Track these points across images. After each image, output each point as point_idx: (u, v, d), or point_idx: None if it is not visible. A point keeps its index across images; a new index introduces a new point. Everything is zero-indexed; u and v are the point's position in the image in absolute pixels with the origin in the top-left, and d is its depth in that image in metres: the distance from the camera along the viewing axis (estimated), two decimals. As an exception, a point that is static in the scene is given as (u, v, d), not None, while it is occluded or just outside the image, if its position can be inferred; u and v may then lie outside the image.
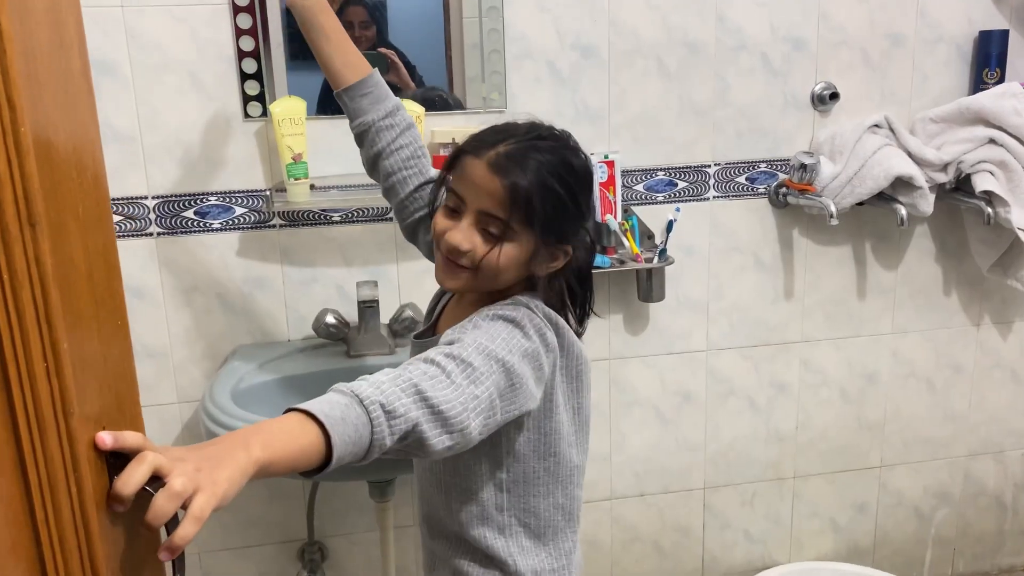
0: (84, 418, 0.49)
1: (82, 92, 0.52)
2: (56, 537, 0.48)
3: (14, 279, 0.45)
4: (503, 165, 0.97)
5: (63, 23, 0.50)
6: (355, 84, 1.16)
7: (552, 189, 0.97)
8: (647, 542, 1.95)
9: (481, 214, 0.98)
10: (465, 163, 1.00)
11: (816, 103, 1.76)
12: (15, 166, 0.44)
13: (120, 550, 0.55)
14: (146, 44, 1.50)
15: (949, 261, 1.91)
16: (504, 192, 0.96)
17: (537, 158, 0.98)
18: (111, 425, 0.54)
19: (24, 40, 0.44)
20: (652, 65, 1.68)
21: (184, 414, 1.66)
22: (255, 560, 1.76)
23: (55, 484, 0.48)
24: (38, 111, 0.46)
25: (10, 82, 0.43)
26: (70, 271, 0.49)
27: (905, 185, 1.69)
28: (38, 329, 0.46)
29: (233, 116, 1.57)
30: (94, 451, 0.52)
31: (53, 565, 0.48)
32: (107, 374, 0.54)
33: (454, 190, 1.00)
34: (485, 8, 1.61)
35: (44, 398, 0.47)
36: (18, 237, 0.45)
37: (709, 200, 1.78)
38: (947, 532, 2.10)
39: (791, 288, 1.86)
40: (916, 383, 1.98)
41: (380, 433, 0.77)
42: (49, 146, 0.47)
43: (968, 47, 1.78)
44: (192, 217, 1.59)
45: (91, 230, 0.52)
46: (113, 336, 0.55)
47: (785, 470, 1.97)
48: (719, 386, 1.88)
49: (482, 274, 1.00)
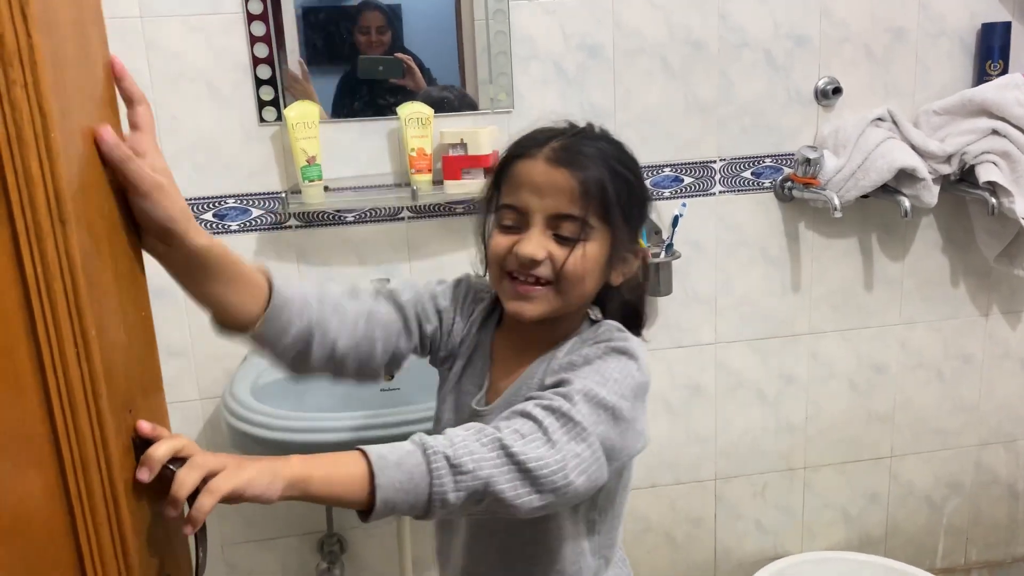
0: (112, 400, 0.54)
1: (106, 100, 0.56)
2: (88, 509, 0.53)
3: (47, 271, 0.49)
4: (565, 157, 0.88)
5: (87, 36, 0.54)
6: (272, 307, 0.84)
7: (621, 175, 0.90)
8: (659, 533, 1.98)
9: (552, 217, 0.88)
10: (518, 169, 0.90)
11: (819, 98, 1.78)
12: (46, 168, 0.48)
13: (147, 523, 0.59)
14: (164, 53, 1.55)
15: (956, 252, 1.93)
16: (575, 184, 0.86)
17: (596, 146, 0.91)
18: (136, 408, 0.58)
19: (53, 53, 0.49)
20: (656, 64, 1.71)
21: (206, 410, 1.71)
22: (277, 552, 1.81)
23: (87, 461, 0.52)
24: (66, 118, 0.50)
25: (41, 93, 0.47)
26: (97, 265, 0.53)
27: (909, 177, 1.71)
28: (69, 318, 0.50)
29: (249, 121, 1.61)
30: (123, 432, 0.56)
31: (86, 535, 0.53)
32: (132, 361, 0.58)
33: (510, 204, 0.90)
34: (492, 11, 1.65)
35: (75, 382, 0.51)
36: (50, 233, 0.49)
37: (715, 195, 1.80)
38: (959, 521, 2.12)
39: (798, 281, 1.88)
40: (925, 373, 1.99)
41: (441, 487, 0.71)
42: (77, 150, 0.52)
43: (971, 39, 1.80)
44: (211, 219, 1.64)
45: (116, 228, 0.57)
46: (137, 326, 0.59)
47: (796, 461, 1.99)
48: (728, 378, 1.91)
49: (564, 287, 0.89)
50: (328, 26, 1.61)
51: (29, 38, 0.46)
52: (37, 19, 0.46)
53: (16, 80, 0.46)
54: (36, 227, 0.48)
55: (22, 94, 0.47)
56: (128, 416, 0.57)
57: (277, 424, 1.40)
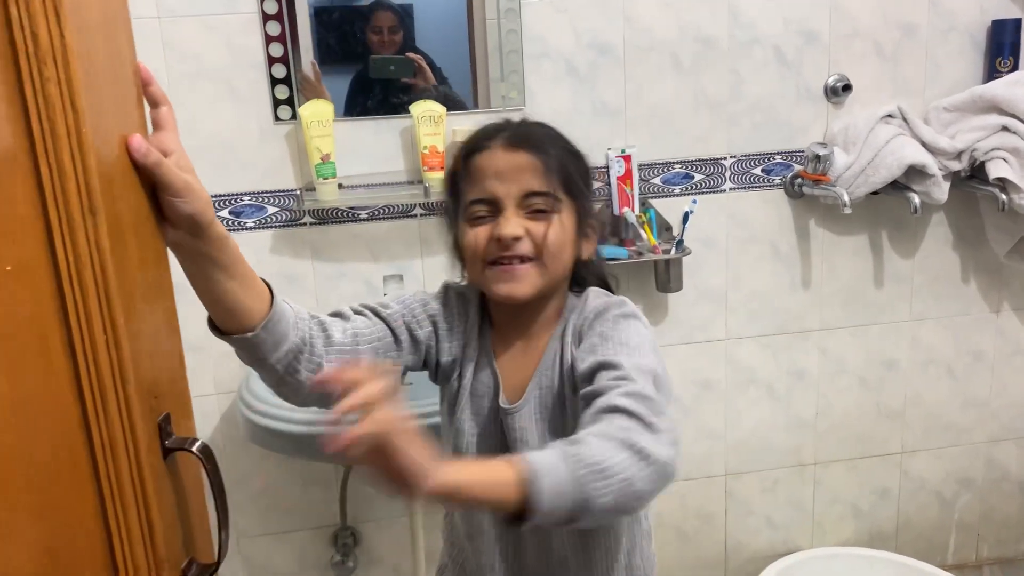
0: (139, 386, 0.56)
1: (133, 97, 0.59)
2: (116, 491, 0.55)
3: (78, 261, 0.51)
4: (521, 140, 0.92)
5: (116, 36, 0.57)
6: (274, 311, 0.85)
7: (573, 151, 0.96)
8: (670, 528, 1.99)
9: (522, 196, 0.91)
10: (476, 163, 0.93)
11: (829, 95, 1.79)
12: (78, 162, 0.50)
13: (173, 507, 0.61)
14: (182, 53, 1.58)
15: (966, 248, 1.93)
16: (537, 161, 0.91)
17: (543, 130, 0.96)
18: (161, 396, 0.60)
19: (84, 51, 0.51)
20: (667, 61, 1.73)
21: (222, 404, 1.74)
22: (292, 544, 1.83)
23: (115, 444, 0.54)
24: (96, 114, 0.52)
25: (73, 89, 0.49)
26: (124, 256, 0.56)
27: (919, 174, 1.72)
28: (98, 306, 0.52)
29: (264, 120, 1.64)
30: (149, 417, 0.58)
31: (115, 517, 0.55)
32: (157, 350, 0.61)
33: (477, 198, 0.93)
34: (503, 10, 1.66)
35: (104, 367, 0.53)
36: (81, 224, 0.51)
37: (725, 192, 1.82)
38: (970, 518, 2.12)
39: (808, 277, 1.89)
40: (936, 370, 2.00)
41: (595, 490, 0.71)
42: (106, 144, 0.54)
43: (981, 36, 1.81)
44: (227, 216, 1.67)
45: (142, 220, 0.59)
46: (162, 316, 0.62)
47: (806, 457, 2.00)
48: (739, 374, 1.92)
49: (546, 260, 0.92)
50: (341, 26, 1.63)
51: (62, 37, 0.48)
52: (69, 18, 0.49)
53: (50, 77, 0.48)
54: (68, 218, 0.51)
55: (55, 91, 0.49)
56: (154, 402, 0.59)
57: (293, 418, 1.43)
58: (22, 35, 0.47)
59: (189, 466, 0.64)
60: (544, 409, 0.96)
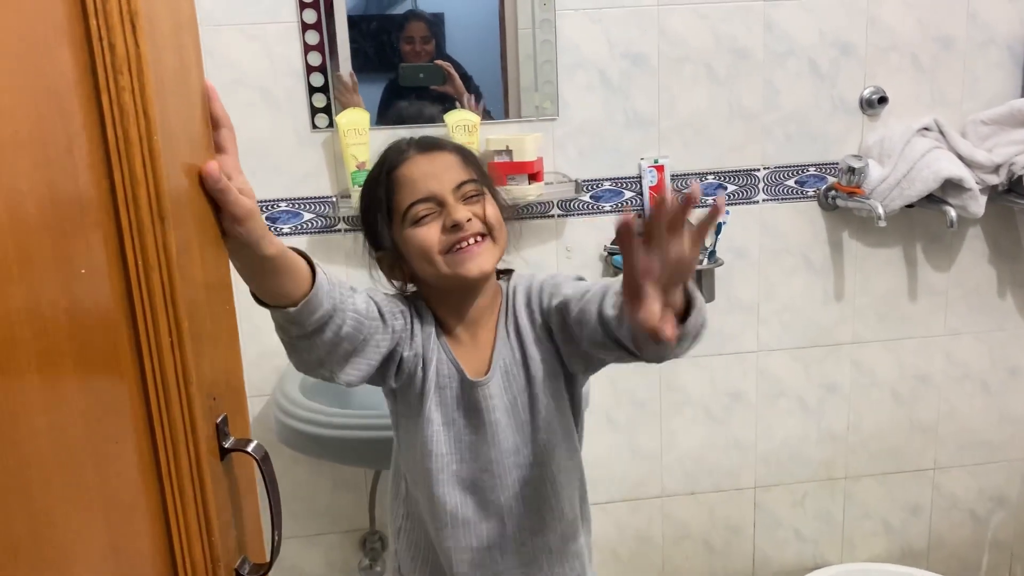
0: (200, 387, 0.57)
1: (199, 107, 0.60)
2: (177, 488, 0.56)
3: (147, 264, 0.52)
4: (432, 144, 1.07)
5: (184, 46, 0.58)
6: (314, 292, 0.89)
7: (468, 149, 1.11)
8: (698, 540, 1.99)
9: (456, 187, 1.03)
10: (402, 173, 1.04)
11: (865, 107, 1.78)
12: (149, 169, 0.52)
13: (227, 504, 0.62)
14: (222, 60, 1.60)
15: (1003, 262, 1.91)
16: (455, 157, 1.05)
17: (436, 137, 1.13)
18: (219, 397, 0.61)
19: (155, 61, 0.52)
20: (701, 71, 1.73)
21: (255, 407, 1.76)
22: (321, 548, 1.85)
23: (176, 442, 0.56)
24: (166, 122, 0.54)
25: (146, 98, 0.51)
26: (188, 260, 0.57)
27: (955, 187, 1.71)
28: (164, 308, 0.54)
29: (302, 127, 1.66)
30: (209, 417, 0.60)
31: (175, 513, 0.56)
32: (217, 351, 0.62)
33: (416, 200, 1.02)
34: (538, 20, 1.68)
35: (169, 368, 0.55)
36: (150, 229, 0.53)
37: (759, 203, 1.81)
38: (1005, 536, 2.09)
39: (841, 289, 1.88)
40: (971, 385, 1.98)
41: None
42: (173, 152, 0.55)
43: (1019, 48, 1.79)
44: (263, 222, 1.68)
45: (205, 226, 0.60)
46: (222, 318, 0.63)
47: (836, 471, 1.99)
48: (769, 387, 1.92)
49: (495, 234, 1.05)
50: (377, 35, 1.65)
51: (137, 47, 0.50)
52: (144, 31, 0.50)
53: (125, 86, 0.50)
54: (138, 223, 0.52)
55: (130, 99, 0.50)
56: (213, 403, 0.60)
57: (326, 421, 1.44)
58: (100, 46, 0.48)
59: (244, 467, 0.65)
60: (508, 378, 1.08)
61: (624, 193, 1.76)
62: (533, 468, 1.11)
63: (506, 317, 1.11)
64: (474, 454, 1.09)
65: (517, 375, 1.09)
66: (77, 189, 0.48)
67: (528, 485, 1.11)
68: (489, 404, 1.08)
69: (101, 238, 0.51)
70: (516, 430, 1.09)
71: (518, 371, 1.09)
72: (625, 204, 1.77)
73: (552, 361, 1.09)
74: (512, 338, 1.10)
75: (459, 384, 1.09)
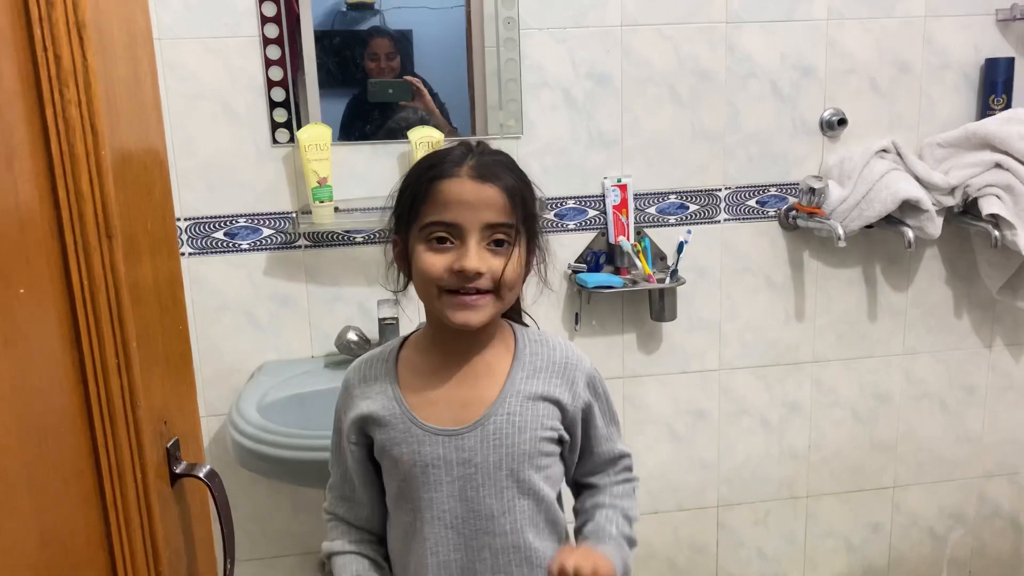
0: (149, 411, 0.55)
1: (153, 121, 0.58)
2: (123, 517, 0.54)
3: (92, 284, 0.50)
4: (488, 172, 0.94)
5: (138, 59, 0.56)
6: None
7: (530, 185, 0.99)
8: (662, 559, 1.98)
9: (487, 228, 0.94)
10: (442, 188, 0.94)
11: (825, 129, 1.81)
12: (96, 185, 0.50)
13: (177, 532, 0.60)
14: (181, 74, 1.58)
15: (959, 283, 1.94)
16: (504, 196, 0.94)
17: (502, 159, 0.98)
18: (171, 419, 0.59)
19: (105, 74, 0.50)
20: (664, 92, 1.74)
21: (211, 427, 1.72)
22: (280, 570, 1.81)
23: (123, 470, 0.53)
24: (116, 137, 0.52)
25: (94, 111, 0.49)
26: (139, 278, 0.55)
27: (913, 208, 1.74)
28: (111, 329, 0.52)
29: (262, 142, 1.64)
30: (158, 443, 0.57)
31: (119, 543, 0.54)
32: (169, 373, 0.60)
33: (440, 221, 0.94)
34: (503, 39, 1.67)
35: (115, 392, 0.52)
36: (96, 247, 0.50)
37: (720, 223, 1.82)
38: (962, 553, 2.11)
39: (802, 309, 1.90)
40: (929, 404, 2.00)
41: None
42: (124, 167, 0.53)
43: (975, 74, 1.83)
44: (222, 238, 1.66)
45: (158, 243, 0.58)
46: (175, 339, 0.61)
47: (799, 489, 2.00)
48: (732, 405, 1.92)
49: (502, 293, 0.96)
50: (341, 51, 1.64)
51: (84, 59, 0.48)
52: (92, 41, 0.48)
53: (71, 99, 0.48)
54: (84, 241, 0.50)
55: (76, 112, 0.48)
56: (163, 427, 0.58)
57: (283, 442, 1.41)
58: (45, 56, 0.47)
59: (197, 491, 0.62)
60: (508, 431, 1.00)
61: (588, 212, 1.76)
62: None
63: (529, 375, 1.04)
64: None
65: (518, 429, 1.04)
66: (17, 205, 0.46)
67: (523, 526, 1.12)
68: (467, 455, 1.05)
69: (43, 257, 0.49)
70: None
71: (519, 426, 1.04)
72: (589, 222, 1.77)
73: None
74: (534, 398, 1.03)
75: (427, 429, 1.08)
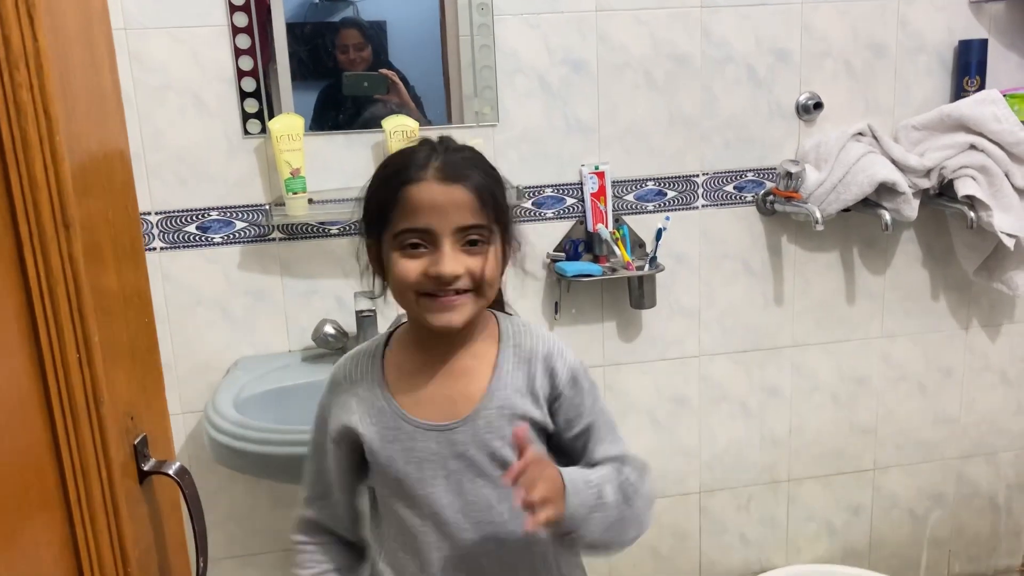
0: (113, 407, 0.53)
1: (112, 106, 0.56)
2: (88, 517, 0.52)
3: (50, 276, 0.48)
4: (453, 173, 0.92)
5: (95, 42, 0.54)
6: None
7: (494, 176, 0.97)
8: (644, 547, 1.98)
9: (459, 230, 0.92)
10: (410, 194, 0.92)
11: (801, 113, 1.80)
12: (51, 172, 0.48)
13: (146, 531, 0.58)
14: (149, 65, 1.54)
15: (936, 265, 1.95)
16: (472, 196, 0.92)
17: (466, 156, 0.96)
18: (138, 415, 0.57)
19: (59, 57, 0.48)
20: (641, 78, 1.73)
21: (188, 424, 1.69)
22: (259, 567, 1.78)
23: (87, 468, 0.51)
24: (72, 122, 0.49)
25: (47, 95, 0.47)
26: (101, 270, 0.53)
27: (889, 191, 1.74)
28: (71, 322, 0.50)
29: (233, 133, 1.61)
30: (124, 439, 0.55)
31: (85, 545, 0.52)
32: (135, 367, 0.58)
33: (412, 228, 0.92)
34: (476, 25, 1.65)
35: (77, 387, 0.50)
36: (53, 237, 0.48)
37: (698, 209, 1.82)
38: (942, 533, 2.13)
39: (780, 294, 1.90)
40: (907, 386, 2.01)
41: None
42: (82, 155, 0.51)
43: (948, 56, 1.84)
44: (194, 232, 1.63)
45: (120, 232, 0.56)
46: (140, 332, 0.59)
47: (780, 474, 2.00)
48: (712, 391, 1.92)
49: (483, 291, 0.95)
50: (313, 40, 1.61)
51: (35, 41, 0.46)
52: (43, 23, 0.46)
53: (22, 83, 0.46)
54: (40, 231, 0.48)
55: (27, 96, 0.46)
56: (130, 423, 0.56)
57: (259, 437, 1.39)
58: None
59: (167, 489, 0.60)
60: (499, 424, 0.98)
61: (566, 200, 1.75)
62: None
63: (515, 366, 1.02)
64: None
65: (508, 423, 1.03)
66: (-32, 194, 0.44)
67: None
68: (461, 449, 1.04)
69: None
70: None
71: (509, 420, 1.03)
72: (567, 210, 1.75)
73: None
74: (521, 389, 1.02)
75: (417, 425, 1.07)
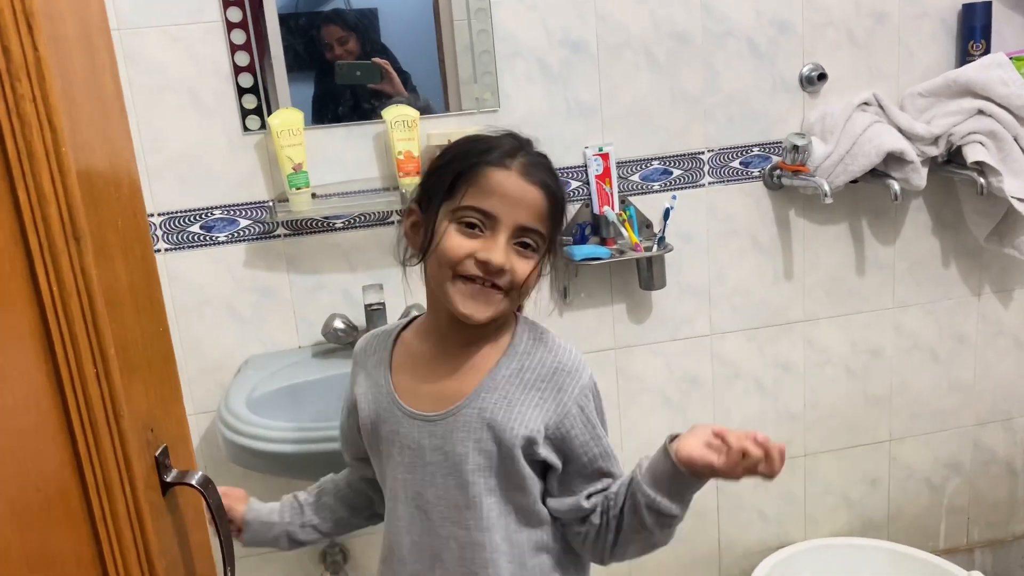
0: (133, 420, 0.52)
1: (115, 112, 0.55)
2: (113, 532, 0.51)
3: (63, 290, 0.47)
4: (537, 174, 0.93)
5: (95, 49, 0.53)
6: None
7: (565, 197, 0.97)
8: (663, 527, 1.97)
9: (520, 228, 0.92)
10: (489, 176, 0.92)
11: (805, 85, 1.78)
12: (59, 185, 0.47)
13: (172, 543, 0.58)
14: (144, 65, 1.53)
15: (946, 233, 1.94)
16: (545, 203, 0.92)
17: (548, 164, 0.97)
18: (157, 426, 0.56)
19: (61, 66, 0.47)
20: (641, 57, 1.71)
21: (200, 425, 1.69)
22: (279, 564, 1.79)
23: (110, 483, 0.51)
24: (77, 132, 0.48)
25: (51, 107, 0.46)
26: (113, 281, 0.52)
27: (897, 160, 1.72)
28: (87, 336, 0.49)
29: (233, 130, 1.59)
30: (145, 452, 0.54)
31: (111, 558, 0.51)
32: (152, 377, 0.57)
33: (477, 207, 0.91)
34: (473, 9, 1.63)
35: (96, 403, 0.49)
36: (64, 250, 0.47)
37: (705, 186, 1.80)
38: (960, 502, 2.13)
39: (790, 268, 1.88)
40: (920, 355, 2.00)
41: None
42: (88, 164, 0.50)
43: (952, 20, 1.81)
44: (198, 231, 1.62)
45: (130, 241, 0.55)
46: (155, 341, 0.58)
47: (796, 449, 2.00)
48: (725, 369, 1.91)
49: (515, 296, 0.94)
50: (307, 32, 1.59)
51: (36, 51, 0.45)
52: (43, 32, 0.45)
53: (24, 95, 0.45)
54: (50, 244, 0.47)
55: (31, 108, 0.45)
56: (150, 435, 0.55)
57: (274, 436, 1.39)
58: (-8, 49, 0.43)
59: (190, 498, 0.60)
60: (476, 426, 0.96)
61: (570, 183, 1.73)
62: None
63: (509, 366, 1.00)
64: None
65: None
66: (-25, 211, 0.43)
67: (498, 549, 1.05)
68: (439, 442, 1.03)
69: (7, 264, 0.45)
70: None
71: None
72: (572, 194, 1.74)
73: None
74: (503, 389, 0.99)
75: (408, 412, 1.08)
